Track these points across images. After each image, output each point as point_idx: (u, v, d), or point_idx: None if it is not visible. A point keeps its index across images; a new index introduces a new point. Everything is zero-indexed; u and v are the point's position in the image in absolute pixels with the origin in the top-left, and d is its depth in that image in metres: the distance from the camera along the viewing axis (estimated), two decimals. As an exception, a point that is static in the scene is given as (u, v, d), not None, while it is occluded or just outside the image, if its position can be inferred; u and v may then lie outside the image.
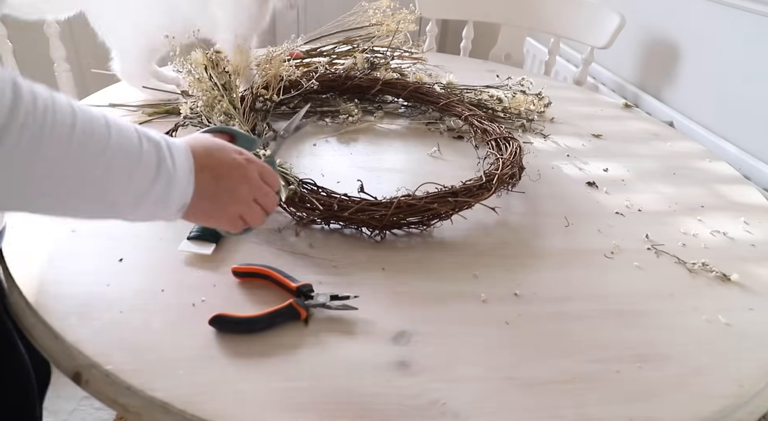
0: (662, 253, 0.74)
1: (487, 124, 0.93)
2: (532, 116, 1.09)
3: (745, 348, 0.59)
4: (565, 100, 1.24)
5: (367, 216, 0.68)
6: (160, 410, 0.46)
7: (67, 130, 0.38)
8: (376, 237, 0.70)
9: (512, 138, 0.88)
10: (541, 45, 1.93)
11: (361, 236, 0.70)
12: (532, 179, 0.87)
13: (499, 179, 0.76)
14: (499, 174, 0.76)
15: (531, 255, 0.71)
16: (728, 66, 1.27)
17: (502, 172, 0.77)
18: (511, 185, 0.81)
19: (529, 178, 0.88)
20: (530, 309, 0.61)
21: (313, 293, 0.58)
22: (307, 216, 0.70)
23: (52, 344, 0.51)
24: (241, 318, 0.54)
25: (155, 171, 0.44)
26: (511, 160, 0.81)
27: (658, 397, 0.52)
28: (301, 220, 0.71)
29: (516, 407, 0.50)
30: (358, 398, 0.49)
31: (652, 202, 0.86)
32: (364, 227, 0.70)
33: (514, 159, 0.81)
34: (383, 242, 0.70)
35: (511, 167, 0.79)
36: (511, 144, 0.86)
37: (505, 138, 0.88)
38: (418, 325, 0.57)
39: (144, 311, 0.56)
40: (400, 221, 0.69)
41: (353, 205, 0.68)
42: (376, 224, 0.69)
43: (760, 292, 0.68)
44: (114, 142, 0.41)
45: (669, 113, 1.41)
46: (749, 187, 0.95)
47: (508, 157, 0.81)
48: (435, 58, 1.41)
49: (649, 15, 1.53)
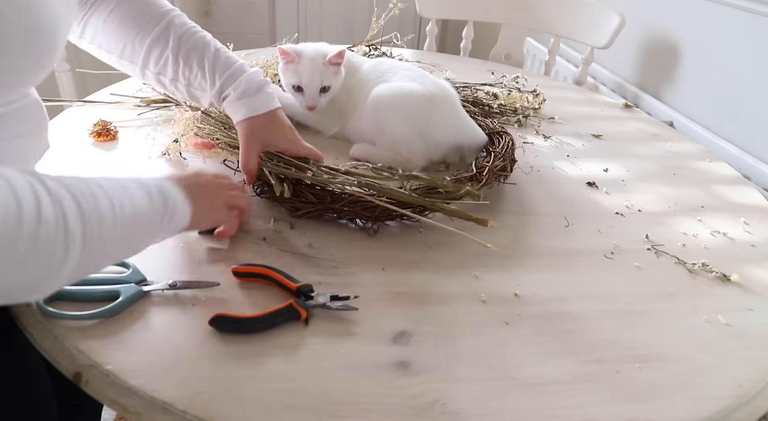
0: (662, 253, 0.74)
1: (481, 119, 0.94)
2: (528, 113, 1.10)
3: (745, 348, 0.59)
4: (565, 100, 1.25)
5: (360, 207, 0.69)
6: (160, 410, 0.46)
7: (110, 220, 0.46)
8: (369, 229, 0.71)
9: (505, 132, 0.88)
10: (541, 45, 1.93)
11: (361, 234, 0.70)
12: (524, 172, 0.87)
13: (491, 171, 0.76)
14: (490, 166, 0.77)
15: (531, 255, 0.71)
16: (728, 66, 1.27)
17: (493, 165, 0.78)
18: (503, 178, 0.81)
19: (528, 179, 0.88)
20: (530, 309, 0.61)
21: (313, 293, 0.58)
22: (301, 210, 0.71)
23: (52, 344, 0.51)
24: (241, 318, 0.54)
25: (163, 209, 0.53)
26: (503, 154, 0.82)
27: (658, 397, 0.52)
28: (296, 212, 0.71)
29: (516, 407, 0.50)
30: (358, 398, 0.49)
31: (652, 202, 0.86)
32: (358, 219, 0.71)
33: (506, 152, 0.82)
34: (383, 241, 0.70)
35: (503, 160, 0.80)
36: (503, 138, 0.86)
37: (498, 133, 0.89)
38: (418, 325, 0.57)
39: (144, 311, 0.56)
40: (392, 212, 0.70)
41: (346, 197, 0.69)
42: (368, 216, 0.69)
43: (760, 292, 0.68)
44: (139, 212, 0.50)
45: (669, 113, 1.42)
46: (749, 188, 0.95)
47: (501, 151, 0.82)
48: (434, 57, 1.41)
49: (649, 15, 1.53)
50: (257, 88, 0.72)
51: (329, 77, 0.89)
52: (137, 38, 0.72)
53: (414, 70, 0.93)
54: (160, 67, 0.73)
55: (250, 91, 0.72)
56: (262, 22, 2.71)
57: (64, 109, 0.97)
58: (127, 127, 0.90)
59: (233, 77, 0.72)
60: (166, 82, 0.75)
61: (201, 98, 0.76)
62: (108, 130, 0.86)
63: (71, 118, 0.92)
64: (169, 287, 0.58)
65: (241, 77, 0.72)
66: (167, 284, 0.58)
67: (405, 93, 0.86)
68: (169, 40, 0.72)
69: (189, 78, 0.73)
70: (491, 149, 0.85)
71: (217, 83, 0.72)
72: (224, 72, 0.72)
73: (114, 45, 0.73)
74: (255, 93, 0.72)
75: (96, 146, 0.85)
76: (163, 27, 0.72)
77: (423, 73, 0.92)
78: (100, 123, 0.86)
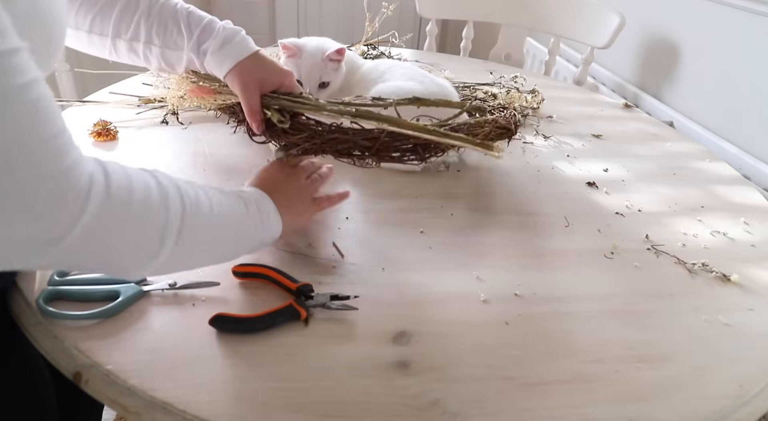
0: (662, 253, 0.74)
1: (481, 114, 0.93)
2: (527, 112, 1.11)
3: (745, 348, 0.59)
4: (565, 100, 1.25)
5: (360, 137, 0.67)
6: (160, 410, 0.46)
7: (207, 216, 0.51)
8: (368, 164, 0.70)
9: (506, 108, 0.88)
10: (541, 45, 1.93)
11: (360, 235, 0.70)
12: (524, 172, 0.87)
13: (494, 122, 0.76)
14: (494, 118, 0.77)
15: (531, 255, 0.71)
16: (728, 66, 1.27)
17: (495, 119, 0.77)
18: (507, 138, 0.81)
19: (528, 179, 0.88)
20: (530, 309, 0.61)
21: (313, 293, 0.58)
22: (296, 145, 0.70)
23: (52, 344, 0.51)
24: (241, 318, 0.55)
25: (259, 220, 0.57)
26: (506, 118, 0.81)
27: (658, 397, 0.52)
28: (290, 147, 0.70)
29: (516, 407, 0.50)
30: (358, 398, 0.49)
31: (652, 202, 0.86)
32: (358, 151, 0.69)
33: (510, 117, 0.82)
34: (383, 241, 0.70)
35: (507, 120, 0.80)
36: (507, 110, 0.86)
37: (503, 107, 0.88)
38: (418, 325, 0.57)
39: (144, 311, 0.56)
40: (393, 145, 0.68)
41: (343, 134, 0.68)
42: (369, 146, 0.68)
43: (760, 292, 0.68)
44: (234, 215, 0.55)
45: (669, 113, 1.41)
46: (749, 188, 0.95)
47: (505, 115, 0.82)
48: (434, 57, 1.41)
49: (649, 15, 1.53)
50: (235, 33, 0.71)
51: (328, 73, 0.89)
52: (106, 6, 0.70)
53: (414, 70, 0.93)
54: (132, 32, 0.71)
55: (230, 38, 0.70)
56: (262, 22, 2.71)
57: (64, 109, 0.97)
58: (127, 127, 0.90)
59: (209, 29, 0.71)
60: (139, 48, 0.72)
61: (177, 61, 0.74)
62: (108, 130, 0.86)
63: (71, 118, 0.92)
64: (169, 286, 0.58)
65: (216, 27, 0.71)
66: (167, 283, 0.58)
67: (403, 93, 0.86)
68: (139, 3, 0.70)
69: (164, 38, 0.72)
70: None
71: (194, 36, 0.71)
72: (198, 25, 0.71)
73: (82, 18, 0.71)
74: (233, 39, 0.71)
75: (96, 146, 0.85)
76: None
77: (422, 73, 0.92)
78: (100, 123, 0.86)
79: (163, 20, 0.71)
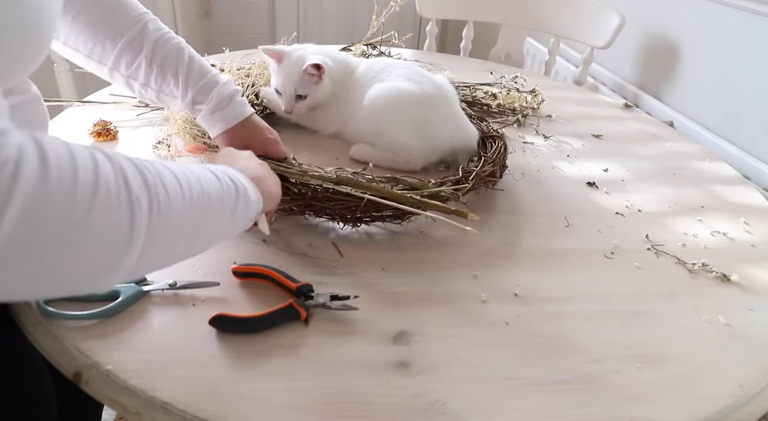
0: (662, 253, 0.74)
1: (476, 122, 0.93)
2: (527, 112, 1.11)
3: (745, 348, 0.59)
4: (565, 100, 1.25)
5: (340, 206, 0.68)
6: (160, 410, 0.46)
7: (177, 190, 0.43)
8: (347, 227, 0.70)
9: (498, 137, 0.88)
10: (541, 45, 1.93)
11: (361, 235, 0.70)
12: (515, 178, 0.87)
13: (478, 176, 0.76)
14: (478, 171, 0.76)
15: (531, 255, 0.71)
16: (728, 66, 1.27)
17: (481, 170, 0.77)
18: (492, 184, 0.81)
19: (528, 179, 0.88)
20: (530, 309, 0.61)
21: (313, 293, 0.58)
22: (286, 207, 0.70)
23: (52, 344, 0.51)
24: (241, 318, 0.54)
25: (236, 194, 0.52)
26: (493, 159, 0.81)
27: (658, 397, 0.52)
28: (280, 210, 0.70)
29: (516, 407, 0.50)
30: (358, 398, 0.49)
31: (652, 202, 0.86)
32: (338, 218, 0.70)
33: (497, 158, 0.81)
34: (383, 241, 0.70)
35: (493, 165, 0.79)
36: (496, 143, 0.86)
37: (491, 137, 0.88)
38: (418, 325, 0.57)
39: (144, 311, 0.56)
40: (372, 214, 0.69)
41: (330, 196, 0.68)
42: (349, 214, 0.68)
43: (760, 292, 0.68)
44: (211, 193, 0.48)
45: (669, 113, 1.42)
46: (749, 188, 0.95)
47: (491, 156, 0.82)
48: (434, 57, 1.41)
49: (649, 15, 1.53)
50: (229, 99, 0.72)
51: (305, 86, 0.88)
52: (108, 40, 0.70)
53: (410, 69, 0.92)
54: (131, 71, 0.72)
55: (223, 104, 0.72)
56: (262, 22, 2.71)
57: (64, 109, 0.97)
58: (127, 127, 0.90)
59: (205, 90, 0.72)
60: (135, 85, 0.73)
61: (171, 104, 0.75)
62: (108, 130, 0.86)
63: (71, 119, 0.92)
64: (169, 286, 0.58)
65: (213, 91, 0.72)
66: (167, 283, 0.58)
67: (400, 94, 0.86)
68: (143, 46, 0.70)
69: (161, 85, 0.72)
70: (482, 154, 0.84)
71: (189, 94, 0.72)
72: (197, 83, 0.72)
73: (82, 44, 0.71)
74: (227, 105, 0.72)
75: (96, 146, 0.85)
76: (137, 31, 0.70)
77: (419, 72, 0.91)
78: (100, 123, 0.86)
79: (163, 71, 0.72)
